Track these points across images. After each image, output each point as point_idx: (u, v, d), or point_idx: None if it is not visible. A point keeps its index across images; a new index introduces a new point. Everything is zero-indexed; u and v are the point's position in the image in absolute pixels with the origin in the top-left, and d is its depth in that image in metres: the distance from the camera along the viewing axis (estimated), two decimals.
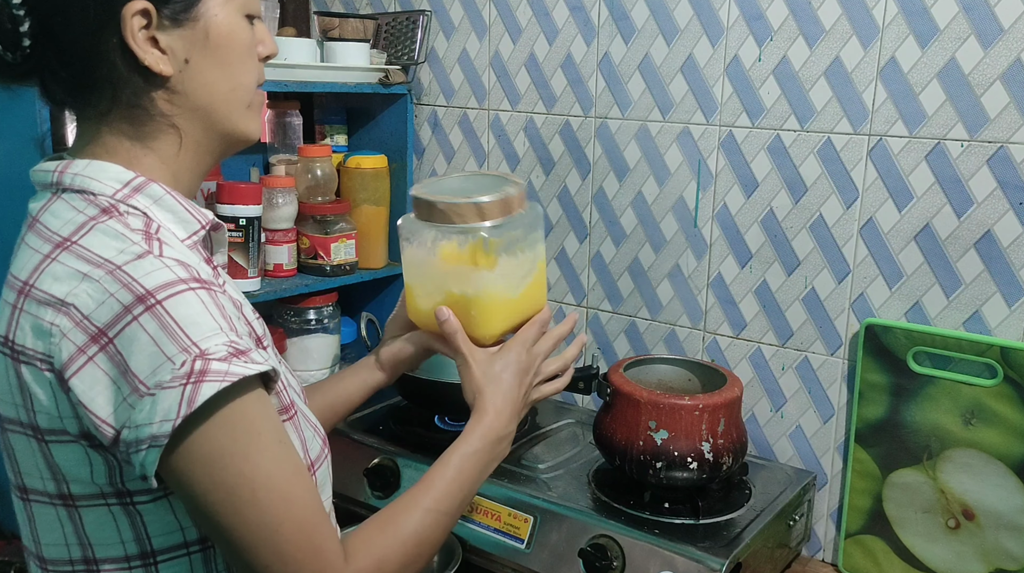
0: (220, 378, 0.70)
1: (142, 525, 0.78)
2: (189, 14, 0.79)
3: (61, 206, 0.79)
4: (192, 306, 0.71)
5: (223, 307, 0.74)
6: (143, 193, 0.80)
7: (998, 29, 1.19)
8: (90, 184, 0.79)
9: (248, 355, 0.73)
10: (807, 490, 1.39)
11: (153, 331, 0.69)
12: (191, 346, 0.70)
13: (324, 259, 1.65)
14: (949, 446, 1.28)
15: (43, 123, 1.22)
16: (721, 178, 1.46)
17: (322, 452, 0.91)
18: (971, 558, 1.27)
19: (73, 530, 0.79)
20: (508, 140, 1.70)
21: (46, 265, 0.74)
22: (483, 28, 1.69)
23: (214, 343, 0.71)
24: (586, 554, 1.20)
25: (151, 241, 0.76)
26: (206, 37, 0.80)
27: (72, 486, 0.77)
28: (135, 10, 0.76)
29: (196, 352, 0.70)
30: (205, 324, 0.71)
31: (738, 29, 1.40)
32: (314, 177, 1.68)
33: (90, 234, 0.75)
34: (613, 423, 1.28)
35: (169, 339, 0.69)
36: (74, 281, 0.72)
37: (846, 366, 1.39)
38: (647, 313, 1.59)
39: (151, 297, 0.70)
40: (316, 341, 1.70)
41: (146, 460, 0.70)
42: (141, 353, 0.69)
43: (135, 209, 0.79)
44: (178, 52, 0.79)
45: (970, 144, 1.24)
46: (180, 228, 0.82)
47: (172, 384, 0.69)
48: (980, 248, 1.25)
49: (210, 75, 0.81)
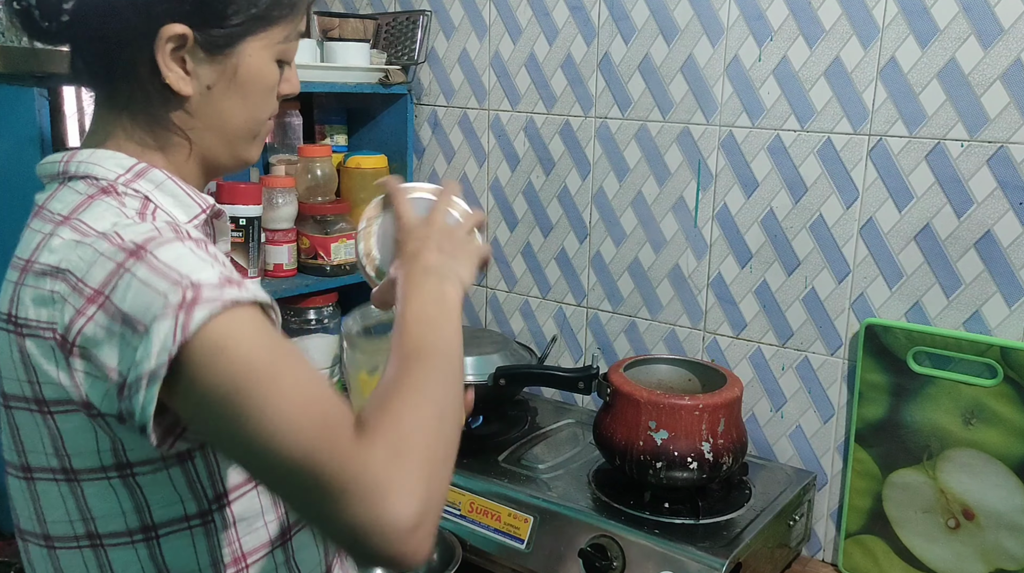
0: (213, 301, 0.69)
1: (142, 497, 0.79)
2: (225, 49, 0.82)
3: (65, 192, 0.81)
4: (181, 249, 0.73)
5: (215, 256, 0.75)
6: (145, 178, 0.82)
7: (998, 29, 1.19)
8: (93, 170, 0.81)
9: (243, 285, 0.73)
10: (807, 490, 1.38)
11: (144, 275, 0.70)
12: (182, 278, 0.70)
13: (324, 259, 1.65)
14: (949, 446, 1.28)
15: (43, 122, 1.22)
16: (721, 178, 1.46)
17: None
18: (971, 558, 1.27)
19: (76, 505, 0.80)
20: (508, 140, 1.70)
21: (45, 241, 0.77)
22: (483, 28, 1.69)
23: (206, 274, 0.71)
24: (586, 554, 1.20)
25: (145, 216, 0.78)
26: (235, 73, 0.83)
27: (73, 460, 0.78)
28: (172, 33, 0.79)
29: (187, 283, 0.70)
30: (195, 262, 0.72)
31: (738, 29, 1.40)
32: (314, 177, 1.68)
33: (88, 209, 0.77)
34: (613, 423, 1.28)
35: (160, 277, 0.70)
36: (67, 249, 0.74)
37: (846, 366, 1.39)
38: (647, 313, 1.59)
39: (141, 249, 0.72)
40: (316, 341, 1.70)
41: (146, 399, 0.69)
42: (136, 298, 0.70)
43: (136, 192, 0.81)
44: (202, 78, 0.82)
45: (970, 144, 1.24)
46: (181, 212, 0.84)
47: (166, 313, 0.69)
48: (980, 248, 1.25)
49: (228, 105, 0.85)
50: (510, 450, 1.44)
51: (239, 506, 0.84)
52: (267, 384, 0.69)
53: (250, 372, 0.69)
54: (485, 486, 1.33)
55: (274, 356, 0.71)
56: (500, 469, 1.38)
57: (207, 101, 0.84)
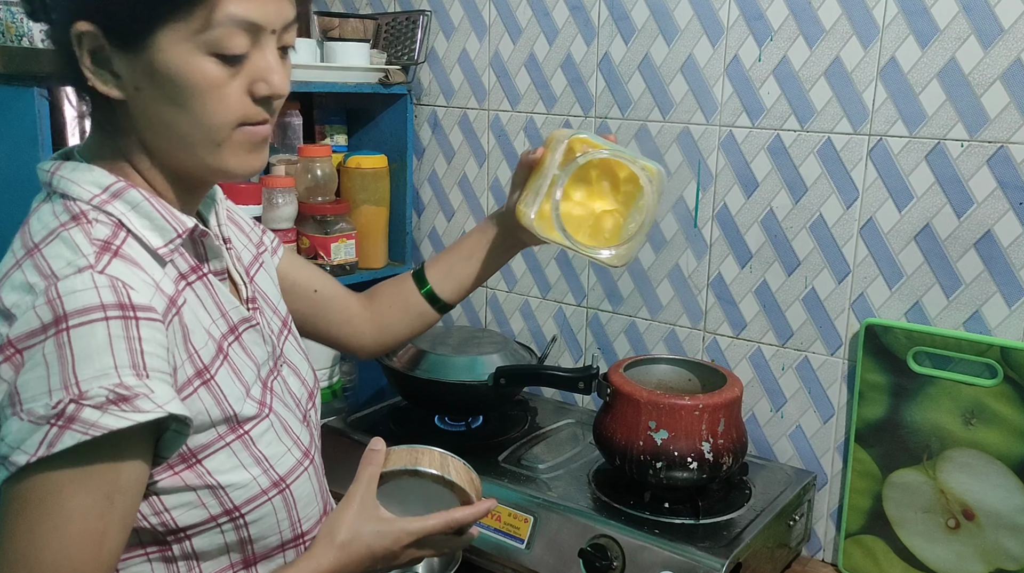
0: (85, 430, 0.69)
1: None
2: (137, 44, 0.75)
3: (46, 209, 0.79)
4: (95, 339, 0.70)
5: (137, 340, 0.72)
6: (121, 199, 0.79)
7: (998, 29, 1.19)
8: (71, 188, 0.79)
9: (133, 403, 0.71)
10: (807, 490, 1.38)
11: (50, 357, 0.70)
12: (73, 385, 0.69)
13: (324, 259, 1.65)
14: (949, 446, 1.28)
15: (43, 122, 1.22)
16: (721, 178, 1.46)
17: (297, 466, 0.89)
18: (971, 558, 1.27)
19: None
20: (508, 140, 1.70)
21: (12, 271, 0.76)
22: (483, 28, 1.69)
23: (98, 385, 0.70)
24: (586, 554, 1.20)
25: (102, 255, 0.75)
26: (152, 72, 0.75)
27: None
28: (79, 31, 0.75)
29: (75, 393, 0.69)
30: (99, 362, 0.70)
31: (738, 29, 1.40)
32: (314, 177, 1.68)
33: (53, 243, 0.76)
34: (613, 423, 1.28)
35: (59, 370, 0.69)
36: (23, 292, 0.73)
37: (846, 366, 1.39)
38: (647, 313, 1.59)
39: (64, 321, 0.70)
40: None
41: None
42: (31, 373, 0.70)
43: (109, 215, 0.78)
44: (127, 78, 0.76)
45: (970, 144, 1.24)
46: (156, 235, 0.80)
47: (41, 421, 0.69)
48: (980, 248, 1.25)
49: (162, 107, 0.77)
50: (510, 450, 1.44)
51: (199, 541, 0.83)
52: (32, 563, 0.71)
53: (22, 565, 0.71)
54: (485, 486, 1.33)
55: (55, 544, 0.71)
56: (500, 469, 1.38)
57: (143, 104, 0.77)
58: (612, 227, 1.08)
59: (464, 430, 1.50)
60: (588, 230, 1.08)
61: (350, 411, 1.59)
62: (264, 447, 0.85)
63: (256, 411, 0.85)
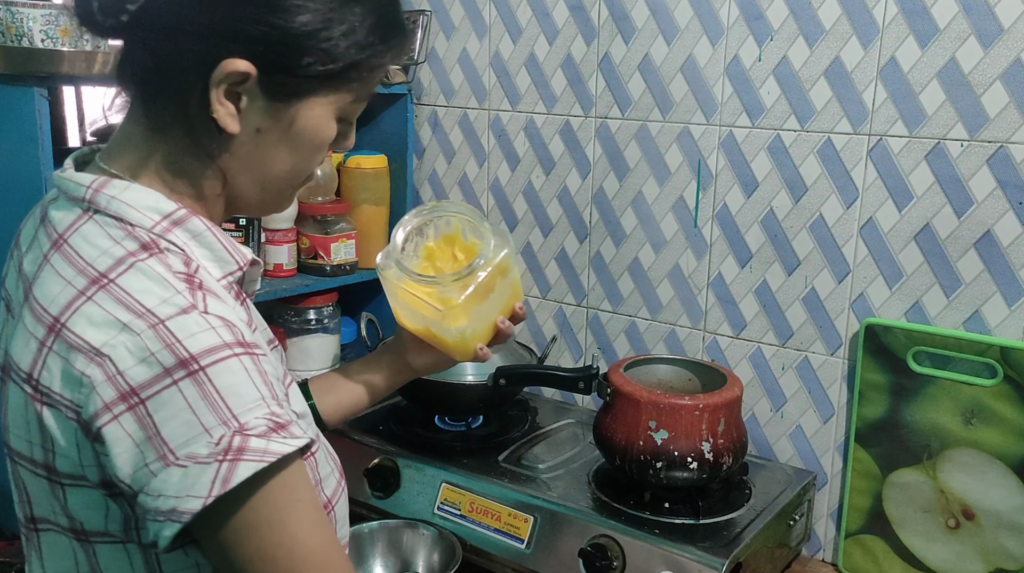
0: (259, 457, 0.67)
1: (156, 564, 0.76)
2: (287, 100, 0.76)
3: (94, 230, 0.74)
4: (236, 374, 0.68)
5: (265, 373, 0.71)
6: (183, 227, 0.76)
7: (998, 29, 1.19)
8: (128, 212, 0.74)
9: (288, 429, 0.70)
10: (807, 490, 1.38)
11: (192, 399, 0.66)
12: (231, 419, 0.66)
13: (324, 259, 1.65)
14: (949, 446, 1.28)
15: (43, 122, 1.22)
16: (721, 178, 1.46)
17: (338, 487, 0.89)
18: (971, 558, 1.27)
19: (87, 560, 0.76)
20: (508, 140, 1.70)
21: (80, 303, 0.70)
22: (483, 28, 1.69)
23: (254, 416, 0.68)
24: (586, 554, 1.20)
25: (194, 291, 0.71)
26: (291, 125, 0.77)
27: (85, 524, 0.75)
28: (235, 69, 0.72)
29: (235, 426, 0.66)
30: (247, 394, 0.68)
31: (738, 29, 1.40)
32: (314, 177, 1.67)
33: (129, 274, 0.71)
34: (613, 423, 1.28)
35: (209, 409, 0.66)
36: (113, 330, 0.68)
37: (846, 366, 1.39)
38: (647, 313, 1.59)
39: (194, 362, 0.67)
40: (316, 341, 1.70)
41: (161, 532, 0.67)
42: (176, 419, 0.66)
43: (174, 246, 0.75)
44: (253, 120, 0.76)
45: (970, 144, 1.24)
46: (216, 267, 0.78)
47: (207, 459, 0.65)
48: (980, 248, 1.25)
49: (275, 152, 0.78)
50: (510, 450, 1.44)
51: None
52: (296, 558, 0.71)
53: (306, 559, 0.71)
54: (485, 486, 1.33)
55: (323, 540, 0.73)
56: (500, 469, 1.38)
57: (253, 144, 0.77)
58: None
59: (464, 430, 1.50)
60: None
61: None
62: (320, 469, 0.85)
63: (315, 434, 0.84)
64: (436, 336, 1.11)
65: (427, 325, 1.10)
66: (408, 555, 1.35)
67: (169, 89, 0.75)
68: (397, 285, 1.09)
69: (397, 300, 1.11)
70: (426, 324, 1.10)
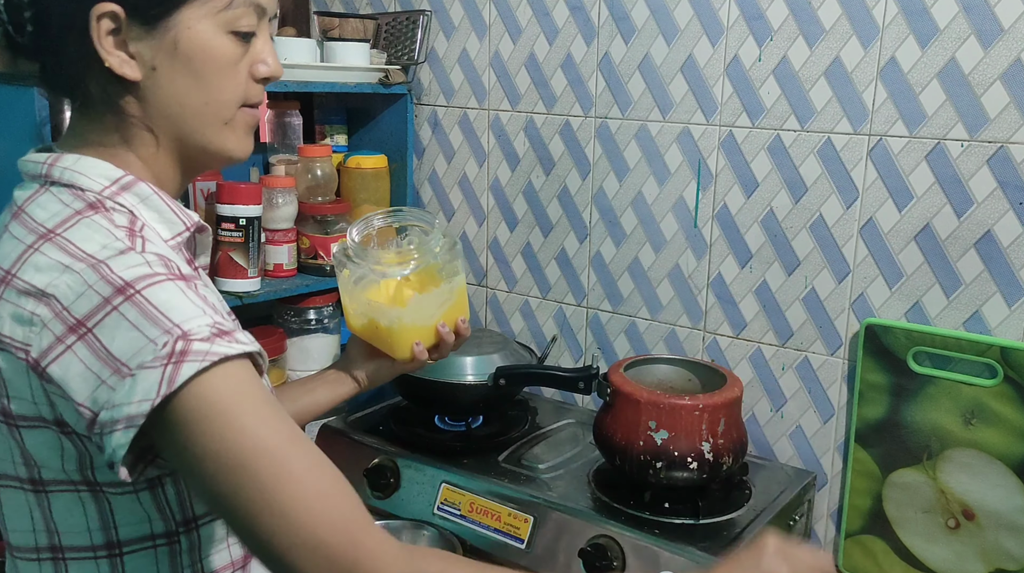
0: (201, 358, 0.70)
1: (110, 513, 0.78)
2: (160, 22, 0.78)
3: (48, 198, 0.79)
4: (172, 293, 0.72)
5: (205, 298, 0.75)
6: (131, 191, 0.80)
7: (998, 29, 1.19)
8: (79, 179, 0.79)
9: (233, 335, 0.73)
10: (807, 490, 1.38)
11: (134, 317, 0.70)
12: (173, 328, 0.70)
13: (324, 259, 1.64)
14: (949, 446, 1.28)
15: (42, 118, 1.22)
16: (721, 178, 1.46)
17: None
18: (971, 558, 1.27)
19: (41, 516, 0.79)
20: (508, 140, 1.70)
21: (28, 255, 0.75)
22: (483, 28, 1.69)
23: (197, 324, 0.71)
24: (586, 554, 1.20)
25: (134, 238, 0.76)
26: (175, 47, 0.79)
27: (43, 471, 0.78)
28: (101, 11, 0.76)
29: (179, 333, 0.70)
30: (187, 307, 0.72)
31: (738, 29, 1.40)
32: (314, 177, 1.68)
33: (75, 227, 0.75)
34: (613, 423, 1.28)
35: (150, 323, 0.70)
36: (55, 272, 0.72)
37: (846, 366, 1.39)
38: (647, 313, 1.59)
39: (130, 287, 0.71)
40: (316, 341, 1.70)
41: (119, 441, 0.70)
42: (123, 338, 0.70)
43: (121, 206, 0.79)
44: (145, 58, 0.79)
45: (970, 144, 1.24)
46: (165, 228, 0.82)
47: (153, 364, 0.69)
48: (980, 248, 1.25)
49: (180, 86, 0.80)
50: (510, 450, 1.44)
51: (207, 530, 0.84)
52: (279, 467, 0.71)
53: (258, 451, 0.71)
54: (485, 486, 1.33)
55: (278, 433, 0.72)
56: (500, 469, 1.38)
57: (156, 83, 0.80)
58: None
59: (464, 430, 1.50)
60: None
61: (350, 411, 1.59)
62: None
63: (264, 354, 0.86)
64: (375, 325, 1.14)
65: (369, 315, 1.15)
66: None
67: (69, 64, 0.79)
68: (347, 282, 1.15)
69: (347, 297, 1.17)
70: (369, 314, 1.15)
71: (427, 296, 1.15)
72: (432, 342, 1.17)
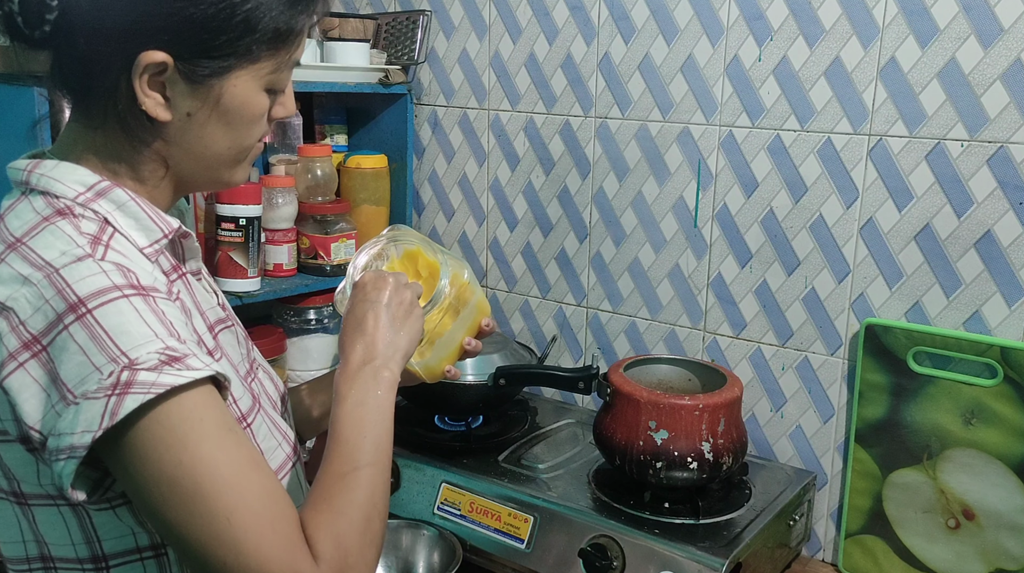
0: (145, 390, 0.68)
1: (91, 528, 0.78)
2: (208, 81, 0.78)
3: (24, 206, 0.78)
4: (124, 314, 0.71)
5: (161, 313, 0.73)
6: (106, 198, 0.79)
7: (998, 29, 1.19)
8: (53, 186, 0.78)
9: (184, 362, 0.71)
10: (807, 490, 1.39)
11: (82, 341, 0.69)
12: (120, 356, 0.69)
13: (324, 259, 1.64)
14: (949, 446, 1.28)
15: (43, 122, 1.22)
16: (721, 178, 1.46)
17: (287, 461, 0.89)
18: (971, 558, 1.27)
19: (29, 527, 0.79)
20: (508, 140, 1.70)
21: None
22: (483, 28, 1.69)
23: (145, 352, 0.69)
24: (586, 554, 1.20)
25: (96, 245, 0.75)
26: (217, 103, 0.79)
27: (23, 485, 0.77)
28: (151, 60, 0.75)
29: (125, 362, 0.69)
30: (136, 332, 0.70)
31: (738, 29, 1.40)
32: (314, 177, 1.68)
33: (39, 235, 0.74)
34: (613, 423, 1.28)
35: (98, 349, 0.69)
36: (15, 285, 0.72)
37: (846, 366, 1.39)
38: (647, 313, 1.59)
39: (82, 305, 0.70)
40: (316, 341, 1.70)
41: (64, 470, 0.69)
42: (70, 362, 0.69)
43: (95, 213, 0.78)
44: (181, 106, 0.79)
45: (970, 144, 1.24)
46: (142, 235, 0.80)
47: (96, 394, 0.68)
48: (980, 248, 1.25)
49: (209, 131, 0.81)
50: (510, 450, 1.44)
51: None
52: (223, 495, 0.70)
53: (212, 479, 0.70)
54: (485, 486, 1.33)
55: (234, 462, 0.71)
56: (500, 469, 1.38)
57: (186, 128, 0.80)
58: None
59: (464, 430, 1.50)
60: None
61: None
62: (261, 441, 0.86)
63: (252, 403, 0.85)
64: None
65: None
66: (408, 555, 1.36)
67: (97, 88, 0.78)
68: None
69: None
70: None
71: (449, 334, 1.09)
72: (459, 357, 1.12)
